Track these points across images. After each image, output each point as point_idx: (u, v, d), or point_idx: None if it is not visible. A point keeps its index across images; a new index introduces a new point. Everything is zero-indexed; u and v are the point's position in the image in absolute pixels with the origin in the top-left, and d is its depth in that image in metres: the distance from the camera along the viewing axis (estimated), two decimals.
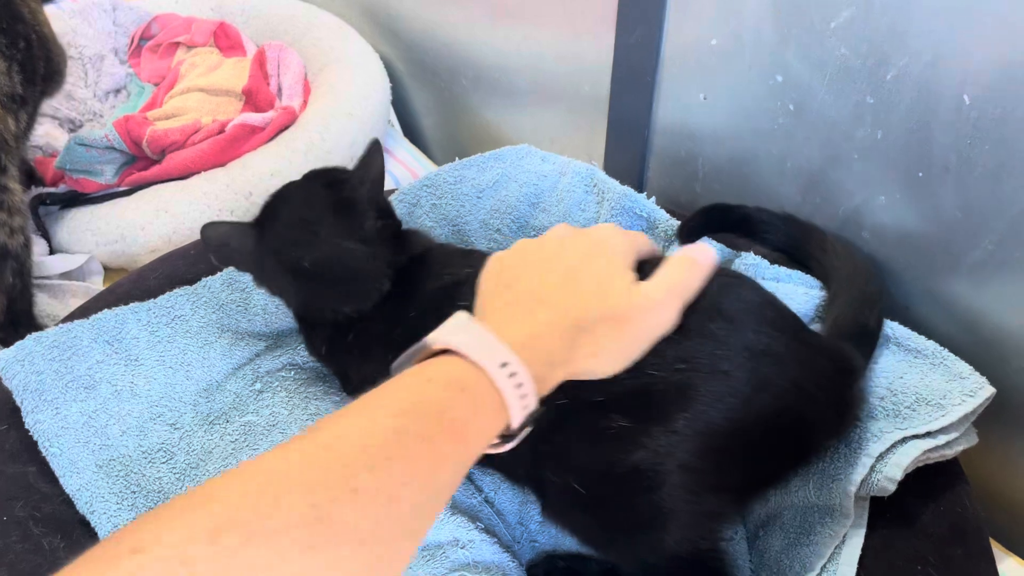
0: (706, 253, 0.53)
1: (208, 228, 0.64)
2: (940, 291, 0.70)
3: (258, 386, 0.73)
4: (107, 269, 1.01)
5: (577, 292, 0.47)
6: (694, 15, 0.77)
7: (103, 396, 0.69)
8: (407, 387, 0.40)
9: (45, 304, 0.92)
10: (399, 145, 1.20)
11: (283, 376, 0.74)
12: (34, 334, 0.70)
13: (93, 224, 0.99)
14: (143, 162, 1.07)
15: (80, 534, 0.63)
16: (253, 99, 1.16)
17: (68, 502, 0.64)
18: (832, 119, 0.70)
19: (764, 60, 0.73)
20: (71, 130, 1.18)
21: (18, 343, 0.69)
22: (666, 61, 0.83)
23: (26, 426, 0.66)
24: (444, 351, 0.42)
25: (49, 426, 0.66)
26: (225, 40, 1.28)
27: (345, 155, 1.08)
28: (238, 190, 1.00)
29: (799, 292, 0.69)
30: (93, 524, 0.64)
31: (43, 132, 1.14)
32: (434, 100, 1.24)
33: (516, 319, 0.46)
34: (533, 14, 0.97)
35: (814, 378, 0.53)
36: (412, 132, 1.30)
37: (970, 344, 0.67)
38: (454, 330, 0.43)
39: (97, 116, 1.22)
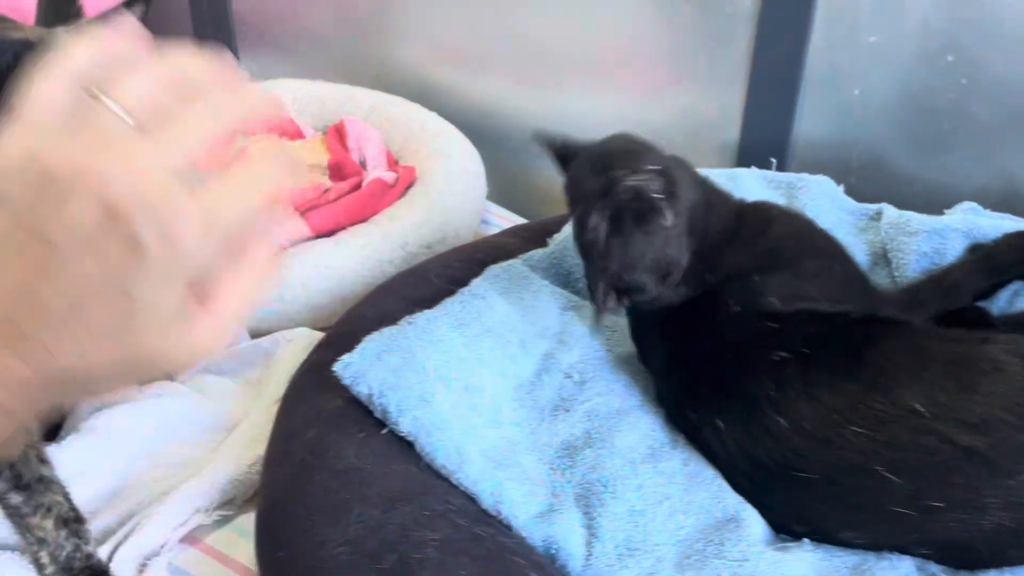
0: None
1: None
2: None
3: (576, 377, 0.71)
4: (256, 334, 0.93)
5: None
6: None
7: (453, 390, 0.65)
8: None
9: None
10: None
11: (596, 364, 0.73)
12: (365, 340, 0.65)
13: None
14: None
15: (497, 520, 0.58)
16: (340, 171, 1.16)
17: (466, 494, 0.59)
18: (1008, 82, 0.84)
19: (933, 45, 0.86)
20: None
21: (353, 352, 0.64)
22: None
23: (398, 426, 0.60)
24: None
25: (426, 420, 0.61)
26: (281, 128, 1.27)
27: (469, 209, 1.10)
28: (393, 241, 0.99)
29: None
30: (503, 515, 0.58)
31: None
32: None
33: None
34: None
35: None
36: None
37: None
38: None
39: None
